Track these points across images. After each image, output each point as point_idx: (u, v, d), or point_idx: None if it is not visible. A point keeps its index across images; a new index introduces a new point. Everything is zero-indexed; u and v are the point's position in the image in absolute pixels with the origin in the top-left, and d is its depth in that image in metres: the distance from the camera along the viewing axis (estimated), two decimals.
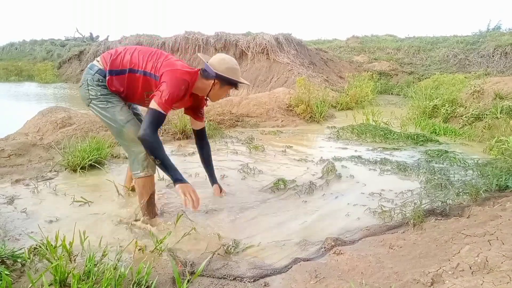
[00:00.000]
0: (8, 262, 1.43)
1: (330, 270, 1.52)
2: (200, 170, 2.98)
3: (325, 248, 1.76)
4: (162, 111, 1.80)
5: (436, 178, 2.78)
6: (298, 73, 10.17)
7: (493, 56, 13.19)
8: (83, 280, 1.30)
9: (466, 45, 14.69)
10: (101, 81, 1.90)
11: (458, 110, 5.48)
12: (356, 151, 3.84)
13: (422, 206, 2.16)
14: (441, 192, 2.47)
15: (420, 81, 11.41)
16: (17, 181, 2.57)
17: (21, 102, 9.41)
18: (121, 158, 3.25)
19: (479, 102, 5.56)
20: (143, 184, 1.96)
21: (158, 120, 1.82)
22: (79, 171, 2.79)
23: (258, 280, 1.50)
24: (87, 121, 3.81)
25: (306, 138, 4.66)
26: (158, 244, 1.67)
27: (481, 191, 2.31)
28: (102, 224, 2.00)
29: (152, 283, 1.36)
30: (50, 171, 2.82)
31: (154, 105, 1.80)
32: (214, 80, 1.95)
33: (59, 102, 9.33)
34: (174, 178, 1.88)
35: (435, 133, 4.89)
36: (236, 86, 2.03)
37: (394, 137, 4.42)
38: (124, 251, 1.62)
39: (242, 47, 12.03)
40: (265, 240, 1.87)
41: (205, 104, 2.23)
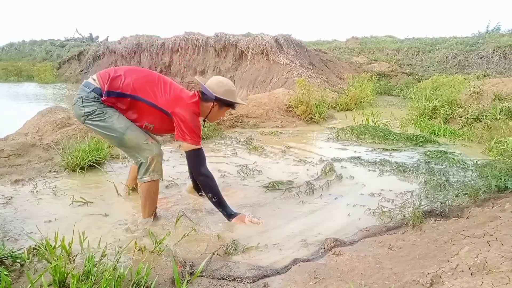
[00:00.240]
0: (7, 262, 1.43)
1: (330, 270, 1.53)
2: None
3: (324, 248, 1.76)
4: (198, 147, 1.95)
5: (435, 179, 2.78)
6: (298, 74, 10.17)
7: (492, 57, 13.19)
8: (82, 280, 1.29)
9: (465, 46, 14.70)
10: (97, 98, 1.89)
11: (457, 111, 5.49)
12: (355, 152, 3.84)
13: (422, 207, 2.17)
14: (440, 193, 2.47)
15: (419, 82, 11.41)
16: (16, 181, 2.57)
17: (20, 102, 9.40)
18: (120, 158, 3.25)
19: (479, 103, 5.56)
20: (148, 188, 1.97)
21: (201, 156, 1.99)
22: (79, 172, 2.79)
23: (258, 280, 1.50)
24: None
25: (306, 139, 4.67)
26: (157, 244, 1.67)
27: (480, 192, 2.31)
28: (101, 224, 2.00)
29: (151, 284, 1.36)
30: (50, 172, 2.82)
31: (189, 147, 1.93)
32: (213, 102, 2.05)
33: (59, 103, 9.32)
34: (228, 214, 2.03)
35: (435, 134, 4.89)
36: (233, 106, 2.16)
37: (393, 138, 4.42)
38: (123, 252, 1.62)
39: (241, 48, 12.02)
40: (264, 240, 1.87)
41: None
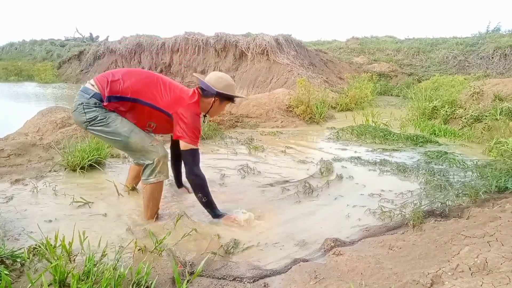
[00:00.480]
0: (7, 262, 1.43)
1: (330, 270, 1.52)
2: None
3: (324, 248, 1.76)
4: (195, 147, 1.97)
5: (435, 179, 2.78)
6: (298, 74, 10.17)
7: (492, 57, 13.19)
8: (83, 280, 1.29)
9: (465, 46, 14.70)
10: (97, 104, 1.88)
11: (457, 111, 5.49)
12: (355, 152, 3.84)
13: (422, 207, 2.17)
14: (440, 193, 2.47)
15: (419, 82, 11.41)
16: (16, 181, 2.56)
17: (20, 102, 9.40)
18: (120, 158, 3.25)
19: (479, 103, 5.56)
20: (153, 189, 1.98)
21: (197, 156, 2.00)
22: (79, 171, 2.79)
23: (258, 280, 1.50)
24: None
25: (306, 139, 4.67)
26: (157, 244, 1.67)
27: (480, 193, 2.31)
28: (101, 224, 2.00)
29: (151, 283, 1.36)
30: (50, 171, 2.82)
31: (186, 145, 1.93)
32: (214, 98, 2.06)
33: (59, 102, 9.32)
34: (216, 215, 2.07)
35: (435, 134, 4.89)
36: (233, 100, 2.20)
37: (393, 138, 4.42)
38: (123, 251, 1.63)
39: (242, 48, 12.03)
40: (264, 240, 1.87)
41: None
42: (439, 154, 3.65)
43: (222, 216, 2.07)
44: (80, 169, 2.81)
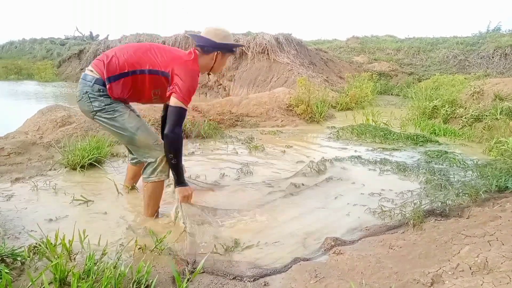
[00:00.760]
0: (8, 260, 1.43)
1: (330, 270, 1.53)
2: (198, 169, 2.98)
3: (325, 248, 1.76)
4: (184, 107, 1.85)
5: (435, 178, 2.78)
6: (298, 73, 10.16)
7: (493, 57, 13.18)
8: (83, 278, 1.29)
9: (466, 46, 14.69)
10: (102, 90, 1.85)
11: (457, 111, 5.48)
12: (356, 151, 3.84)
13: (422, 207, 2.17)
14: (440, 192, 2.47)
15: (420, 81, 11.39)
16: (16, 179, 2.56)
17: (20, 100, 9.39)
18: (120, 157, 3.25)
19: (479, 103, 5.56)
20: (153, 188, 1.97)
21: (182, 116, 1.88)
22: (79, 170, 2.79)
23: (258, 279, 1.50)
24: (87, 120, 3.80)
25: (306, 138, 4.66)
26: (158, 243, 1.67)
27: (480, 192, 2.31)
28: (101, 222, 1.99)
29: (152, 282, 1.36)
30: (50, 170, 2.82)
31: (175, 102, 1.83)
32: (216, 52, 2.00)
33: (59, 101, 9.31)
34: (180, 180, 1.98)
35: (435, 133, 4.89)
36: (234, 51, 2.13)
37: (393, 137, 4.42)
38: (124, 250, 1.63)
39: (242, 47, 12.01)
40: (264, 239, 1.87)
41: None
42: (439, 153, 3.64)
43: (183, 185, 2.00)
44: (80, 167, 2.81)
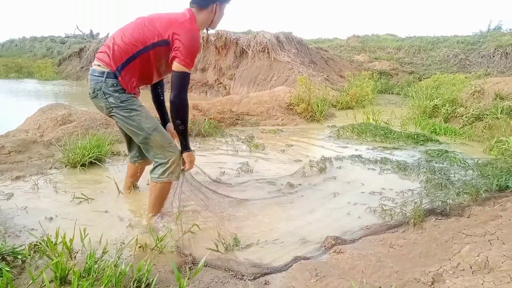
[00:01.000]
0: (8, 258, 1.44)
1: (331, 268, 1.53)
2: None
3: (325, 246, 1.76)
4: (187, 71, 1.79)
5: (436, 177, 2.78)
6: (299, 72, 10.14)
7: (493, 56, 13.16)
8: (84, 277, 1.30)
9: (466, 45, 14.66)
10: (115, 85, 1.81)
11: (458, 110, 5.47)
12: (356, 150, 3.84)
13: (423, 206, 2.17)
14: (441, 191, 2.47)
15: (420, 80, 11.38)
16: (17, 177, 2.57)
17: (21, 99, 9.39)
18: (121, 155, 3.25)
19: (480, 102, 5.55)
20: (162, 188, 1.95)
21: (187, 81, 1.81)
22: (79, 168, 2.79)
23: (259, 278, 1.50)
24: (87, 118, 3.80)
25: (306, 137, 4.66)
26: (158, 241, 1.67)
27: (481, 191, 2.31)
28: (102, 221, 2.00)
29: (152, 281, 1.36)
30: (50, 168, 2.82)
31: (178, 67, 1.77)
32: (215, 4, 1.92)
33: (59, 99, 9.31)
34: (186, 146, 1.93)
35: (435, 133, 4.89)
36: (229, 0, 2.01)
37: (394, 136, 4.42)
38: (124, 248, 1.63)
39: (242, 46, 11.98)
40: (265, 238, 1.87)
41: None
42: (440, 152, 3.64)
43: (190, 150, 1.96)
44: (80, 166, 2.81)
